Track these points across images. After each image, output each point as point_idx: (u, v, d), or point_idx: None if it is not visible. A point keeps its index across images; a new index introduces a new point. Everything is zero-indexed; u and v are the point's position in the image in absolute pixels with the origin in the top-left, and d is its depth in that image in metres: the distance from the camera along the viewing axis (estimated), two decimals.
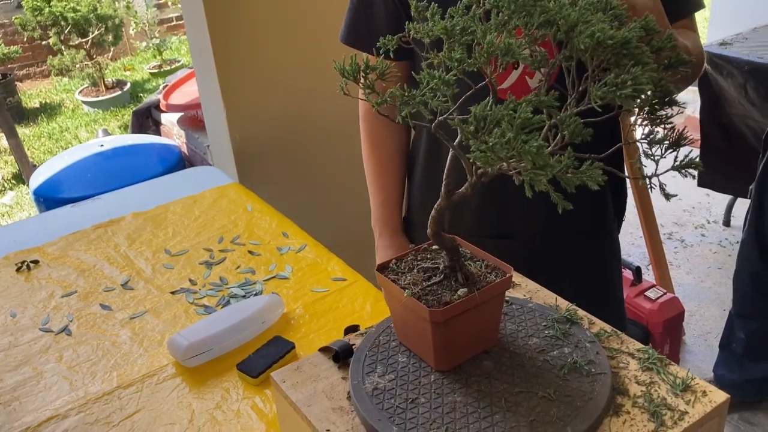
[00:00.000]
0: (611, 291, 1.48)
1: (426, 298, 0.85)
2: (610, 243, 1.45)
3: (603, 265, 1.45)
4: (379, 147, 1.50)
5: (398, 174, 1.52)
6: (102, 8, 6.12)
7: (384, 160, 1.50)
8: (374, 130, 1.49)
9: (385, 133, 1.49)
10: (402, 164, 1.52)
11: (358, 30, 1.38)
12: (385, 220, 1.54)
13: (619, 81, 0.56)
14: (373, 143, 1.50)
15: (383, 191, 1.52)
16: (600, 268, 1.45)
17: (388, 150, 1.50)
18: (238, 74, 2.22)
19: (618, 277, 1.50)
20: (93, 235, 1.90)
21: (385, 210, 1.52)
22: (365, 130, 1.51)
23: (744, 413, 2.40)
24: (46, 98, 6.74)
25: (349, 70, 0.65)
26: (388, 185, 1.52)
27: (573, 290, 1.07)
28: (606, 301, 1.44)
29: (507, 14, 0.63)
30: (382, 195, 1.52)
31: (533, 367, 0.88)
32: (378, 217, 1.55)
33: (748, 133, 2.82)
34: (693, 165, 0.65)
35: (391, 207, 1.53)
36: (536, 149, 0.52)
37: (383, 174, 1.51)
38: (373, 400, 0.85)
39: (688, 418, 0.80)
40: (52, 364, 1.39)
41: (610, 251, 1.46)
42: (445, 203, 0.79)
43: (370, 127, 1.50)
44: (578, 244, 1.39)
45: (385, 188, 1.51)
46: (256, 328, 1.41)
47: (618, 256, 1.49)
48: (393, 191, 1.52)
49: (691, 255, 3.32)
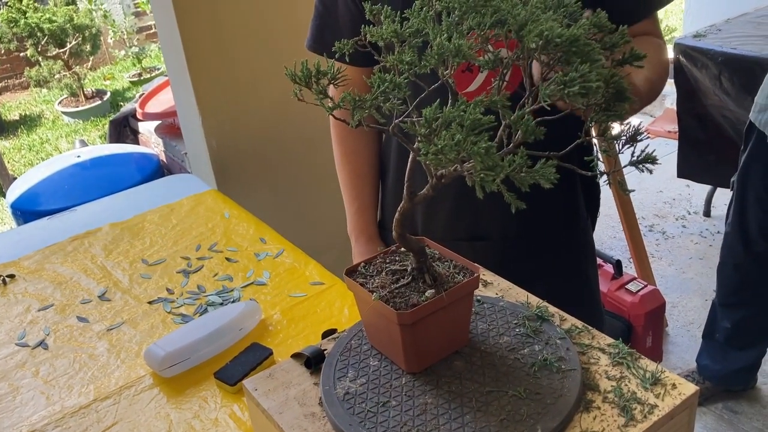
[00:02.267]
0: (587, 287, 1.49)
1: (394, 300, 0.84)
2: (584, 240, 1.46)
3: (578, 262, 1.45)
4: (351, 155, 1.49)
5: (372, 181, 1.52)
6: (79, 18, 6.08)
7: (357, 168, 1.50)
8: (346, 138, 1.49)
9: (357, 140, 1.48)
10: (375, 171, 1.51)
11: (324, 36, 1.37)
12: (361, 228, 1.54)
13: (567, 79, 0.56)
14: (345, 151, 1.50)
15: (358, 199, 1.51)
16: (575, 266, 1.45)
17: (361, 157, 1.49)
18: (213, 81, 2.21)
19: (594, 274, 1.50)
20: (70, 247, 1.88)
21: (360, 218, 1.52)
22: (336, 138, 1.50)
23: (728, 402, 2.42)
24: (26, 110, 6.70)
25: (301, 76, 0.65)
26: (363, 193, 1.51)
27: (548, 289, 1.07)
28: (581, 299, 1.44)
29: (458, 15, 0.63)
30: (357, 203, 1.52)
31: (504, 365, 0.88)
32: (354, 224, 1.55)
33: (724, 123, 2.84)
34: (650, 160, 0.65)
35: (367, 214, 1.53)
36: (485, 150, 0.52)
37: (357, 182, 1.50)
38: (344, 405, 0.84)
39: (658, 412, 0.81)
40: (29, 379, 1.38)
41: (584, 248, 1.46)
42: (408, 205, 0.78)
43: (341, 135, 1.49)
44: (552, 243, 1.39)
45: (359, 196, 1.51)
46: (234, 335, 1.41)
47: (592, 252, 1.50)
48: (367, 198, 1.52)
49: (672, 246, 3.34)
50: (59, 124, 6.26)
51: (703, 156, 3.01)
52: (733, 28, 2.97)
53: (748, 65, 2.60)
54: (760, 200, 2.04)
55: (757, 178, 2.03)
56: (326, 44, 1.36)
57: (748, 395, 2.44)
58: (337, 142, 1.50)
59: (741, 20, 3.07)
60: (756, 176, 2.04)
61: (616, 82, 0.63)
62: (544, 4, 0.65)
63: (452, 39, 0.60)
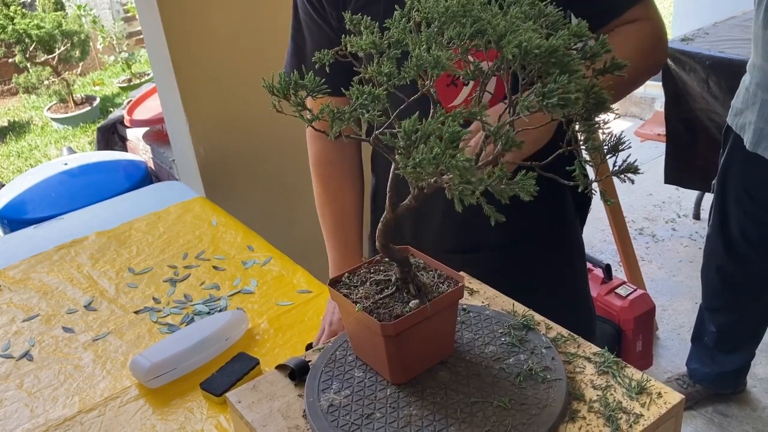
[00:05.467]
0: (578, 291, 1.48)
1: (378, 311, 0.84)
2: (574, 242, 1.45)
3: (568, 269, 1.45)
4: (334, 199, 1.37)
5: (356, 226, 1.39)
6: (67, 24, 6.05)
7: (341, 213, 1.37)
8: (328, 179, 1.37)
9: (340, 181, 1.36)
10: (359, 213, 1.40)
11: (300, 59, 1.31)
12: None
13: (546, 90, 0.56)
14: (327, 192, 1.38)
15: (343, 247, 1.38)
16: (566, 273, 1.44)
17: (344, 200, 1.37)
18: (200, 87, 2.20)
19: (583, 277, 1.50)
20: (56, 256, 1.87)
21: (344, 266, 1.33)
22: (318, 177, 1.38)
23: (718, 405, 2.42)
24: (15, 116, 6.66)
25: (279, 88, 0.64)
26: (348, 240, 1.38)
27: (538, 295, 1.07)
28: (572, 303, 1.44)
29: (438, 26, 0.62)
30: (342, 251, 1.38)
31: (489, 376, 0.87)
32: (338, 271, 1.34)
33: (712, 127, 2.84)
34: (631, 170, 0.65)
35: (351, 261, 1.37)
36: (463, 163, 0.51)
37: (341, 230, 1.38)
38: (328, 418, 0.84)
39: (644, 421, 0.80)
40: (13, 391, 1.37)
41: (574, 255, 1.46)
42: (390, 215, 0.78)
43: (323, 175, 1.37)
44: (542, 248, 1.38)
45: (345, 244, 1.38)
46: (220, 345, 1.40)
47: (582, 254, 1.49)
48: (352, 245, 1.39)
49: (662, 250, 3.34)
50: (48, 130, 6.22)
51: (691, 160, 3.02)
52: (721, 32, 2.98)
53: (735, 69, 2.60)
54: (740, 202, 2.05)
55: (736, 181, 2.04)
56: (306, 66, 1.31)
57: (738, 398, 2.44)
58: (319, 182, 1.38)
59: (729, 24, 3.07)
60: (735, 178, 2.05)
61: (596, 92, 0.62)
62: (524, 14, 0.64)
63: (431, 50, 0.60)
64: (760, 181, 1.96)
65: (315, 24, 1.25)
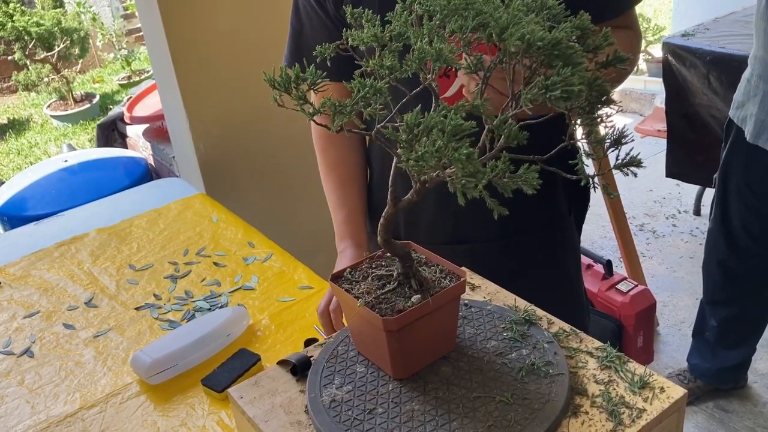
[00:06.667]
0: (569, 285, 1.48)
1: (380, 306, 0.84)
2: (570, 240, 1.45)
3: (561, 262, 1.44)
4: (337, 167, 1.43)
5: (359, 185, 1.44)
6: (67, 21, 6.04)
7: (343, 178, 1.43)
8: (329, 150, 1.43)
9: (341, 152, 1.42)
10: (362, 176, 1.45)
11: (301, 55, 1.33)
12: (351, 234, 1.42)
13: (549, 83, 0.55)
14: (329, 163, 1.43)
15: (345, 206, 1.42)
16: (558, 266, 1.44)
17: (347, 167, 1.43)
18: (200, 84, 2.20)
19: (576, 271, 1.49)
20: (56, 253, 1.87)
21: (348, 225, 1.41)
22: (321, 150, 1.44)
23: (719, 401, 2.42)
24: (14, 114, 6.65)
25: (280, 82, 0.64)
26: (350, 199, 1.43)
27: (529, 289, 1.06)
28: (564, 299, 1.43)
29: (440, 18, 0.62)
30: (345, 209, 1.42)
31: (491, 370, 0.87)
32: (342, 233, 1.42)
33: (712, 122, 2.84)
34: (634, 163, 0.65)
35: (356, 220, 1.43)
36: (466, 156, 0.51)
37: (344, 190, 1.42)
38: (330, 413, 0.84)
39: (646, 416, 0.80)
40: (14, 388, 1.37)
41: (568, 248, 1.45)
42: (392, 210, 0.78)
43: (323, 146, 1.43)
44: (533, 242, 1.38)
45: (347, 202, 1.42)
46: (221, 341, 1.40)
47: (574, 248, 1.49)
48: (355, 204, 1.43)
49: (663, 245, 3.34)
50: (48, 127, 6.22)
51: (692, 155, 3.02)
52: (722, 27, 2.98)
53: (736, 64, 2.60)
54: (741, 195, 2.05)
55: (738, 174, 2.04)
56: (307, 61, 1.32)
57: (739, 394, 2.44)
58: (321, 155, 1.44)
59: (729, 19, 3.07)
60: (736, 172, 2.04)
61: (599, 85, 0.62)
62: (526, 6, 0.64)
63: (433, 43, 0.59)
64: (762, 174, 1.96)
65: (313, 10, 1.28)
